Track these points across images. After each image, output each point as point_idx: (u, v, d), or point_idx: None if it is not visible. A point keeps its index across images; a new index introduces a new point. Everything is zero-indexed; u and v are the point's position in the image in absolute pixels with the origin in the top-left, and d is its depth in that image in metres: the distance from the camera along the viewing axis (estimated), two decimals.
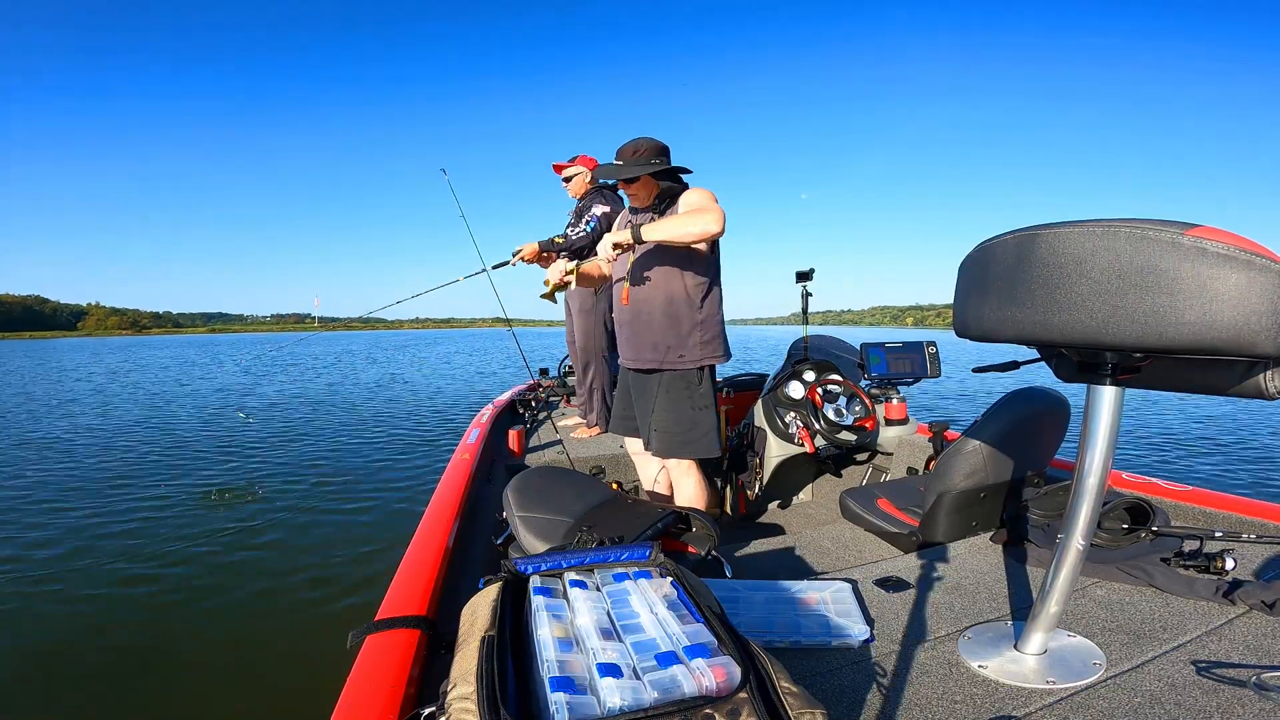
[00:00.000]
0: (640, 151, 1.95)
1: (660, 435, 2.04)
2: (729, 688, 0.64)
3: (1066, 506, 0.93)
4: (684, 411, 2.02)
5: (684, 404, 2.02)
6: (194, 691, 2.35)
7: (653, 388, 2.05)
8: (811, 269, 2.85)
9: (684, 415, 2.02)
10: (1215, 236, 0.65)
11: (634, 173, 1.92)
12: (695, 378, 2.03)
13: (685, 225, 1.82)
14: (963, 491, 1.65)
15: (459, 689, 0.65)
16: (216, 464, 6.03)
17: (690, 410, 2.02)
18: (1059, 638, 1.08)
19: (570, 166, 3.19)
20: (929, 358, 2.75)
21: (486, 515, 1.94)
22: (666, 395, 2.03)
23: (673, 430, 2.02)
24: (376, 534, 4.03)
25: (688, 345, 2.01)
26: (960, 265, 0.93)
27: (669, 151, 1.99)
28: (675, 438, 2.03)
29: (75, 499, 4.81)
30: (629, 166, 1.94)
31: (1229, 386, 0.80)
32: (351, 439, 7.27)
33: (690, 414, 2.02)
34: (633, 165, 1.94)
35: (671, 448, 2.03)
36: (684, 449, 2.03)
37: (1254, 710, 0.87)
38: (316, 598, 3.12)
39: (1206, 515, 1.64)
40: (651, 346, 2.02)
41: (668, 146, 1.99)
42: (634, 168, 1.93)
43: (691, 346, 2.01)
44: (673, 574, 0.91)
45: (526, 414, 3.63)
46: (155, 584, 3.27)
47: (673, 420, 2.02)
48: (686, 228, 1.82)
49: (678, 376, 2.03)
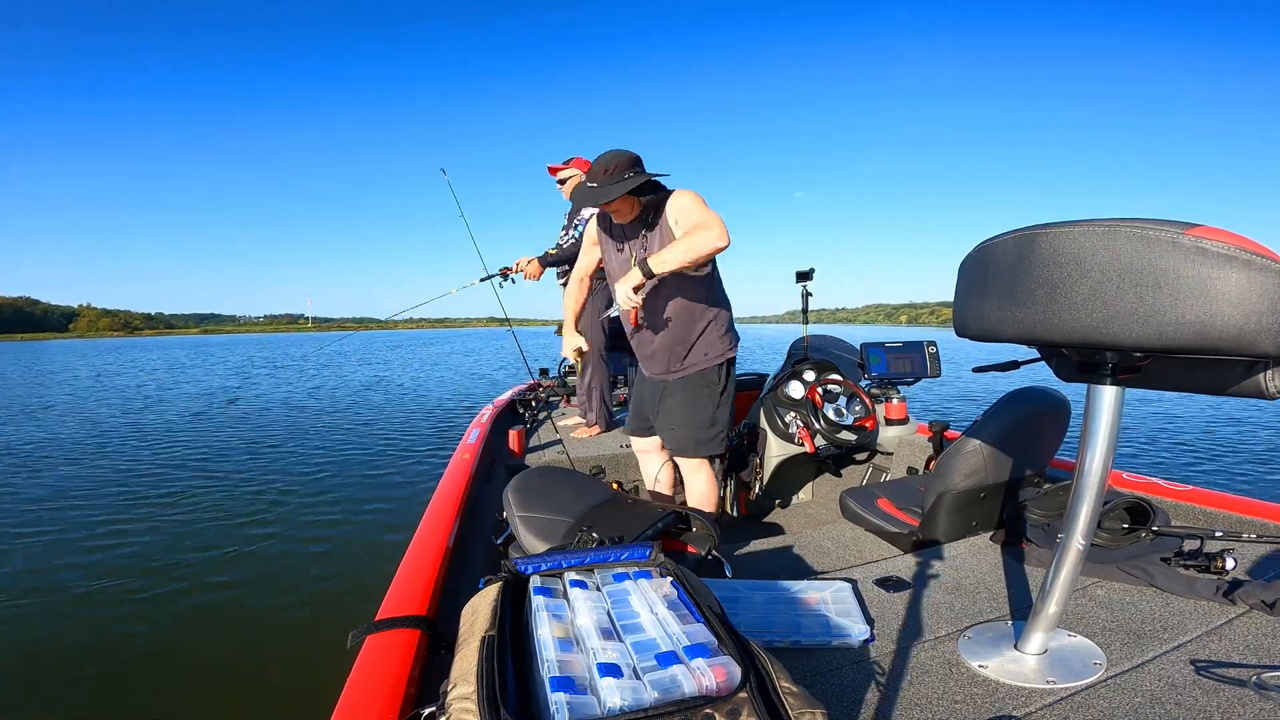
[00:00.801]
0: (612, 169, 1.85)
1: (679, 433, 2.05)
2: (729, 688, 0.64)
3: (1066, 506, 0.93)
4: (705, 410, 2.04)
5: (705, 402, 2.04)
6: (194, 691, 2.35)
7: (674, 388, 2.06)
8: (811, 269, 2.85)
9: (705, 414, 2.04)
10: (1215, 236, 0.65)
11: (612, 195, 1.82)
12: (715, 375, 2.04)
13: (692, 248, 1.75)
14: (963, 491, 1.65)
15: (459, 689, 0.65)
16: (217, 463, 6.03)
17: (711, 409, 2.04)
18: (1059, 637, 1.08)
19: (565, 169, 3.19)
20: (929, 357, 2.75)
21: (486, 515, 1.93)
22: (685, 394, 2.04)
23: (692, 429, 2.04)
24: (376, 534, 4.03)
25: (706, 344, 2.02)
26: (960, 265, 0.93)
27: (641, 161, 1.90)
28: (693, 436, 2.04)
29: (77, 498, 4.81)
30: (605, 188, 1.84)
31: (1229, 386, 0.80)
32: (351, 439, 7.27)
33: (711, 412, 2.04)
34: (609, 186, 1.83)
35: (688, 446, 2.05)
36: (701, 447, 2.05)
37: (1254, 710, 0.87)
38: (317, 598, 3.12)
39: (1206, 515, 1.64)
40: (672, 358, 2.03)
41: (639, 156, 1.90)
42: (611, 188, 1.83)
43: (711, 343, 2.03)
44: (673, 574, 0.91)
45: (526, 414, 3.63)
46: (155, 585, 3.27)
47: (693, 419, 2.04)
48: (695, 250, 1.75)
49: (697, 375, 2.04)
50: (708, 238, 1.75)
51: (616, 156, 1.88)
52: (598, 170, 1.87)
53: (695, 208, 1.86)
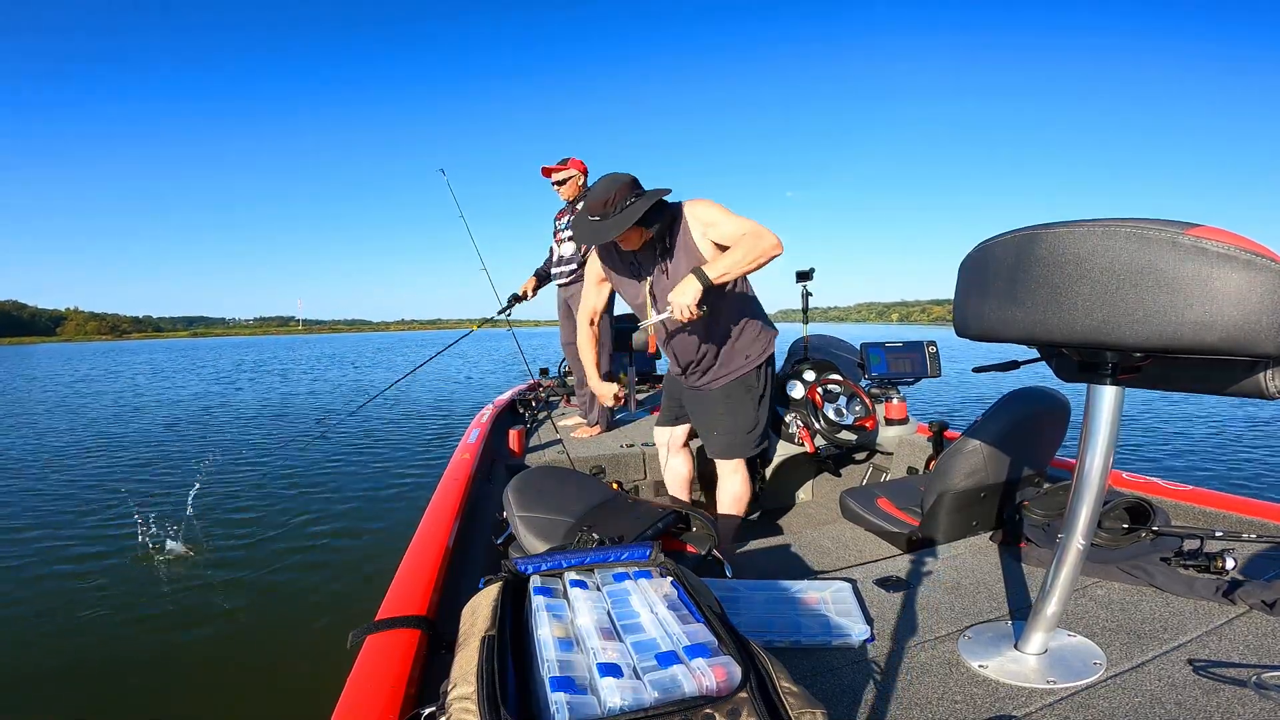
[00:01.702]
0: (611, 200, 1.69)
1: (722, 438, 2.02)
2: (729, 687, 0.64)
3: (1067, 506, 0.93)
4: (748, 414, 2.01)
5: (747, 406, 2.01)
6: (194, 692, 2.35)
7: (716, 395, 2.02)
8: (811, 269, 2.85)
9: (748, 418, 2.01)
10: (1215, 236, 0.65)
11: (622, 228, 1.68)
12: (755, 379, 2.01)
13: (751, 256, 1.67)
14: (963, 491, 1.65)
15: (459, 689, 0.65)
16: (216, 465, 6.03)
17: (753, 411, 2.02)
18: (1059, 637, 1.08)
19: (562, 170, 3.19)
20: (929, 357, 2.75)
21: (486, 515, 1.93)
22: (727, 401, 2.01)
23: (735, 433, 2.01)
24: (376, 534, 4.03)
25: (744, 348, 1.98)
26: (960, 265, 0.93)
27: (639, 182, 1.76)
28: (736, 440, 2.02)
29: (79, 499, 4.81)
30: (611, 223, 1.69)
31: (1229, 386, 0.80)
32: (351, 439, 7.27)
33: (753, 415, 2.02)
34: (615, 219, 1.69)
35: (733, 449, 2.02)
36: (741, 450, 2.02)
37: (1254, 710, 0.87)
38: (317, 598, 3.12)
39: (1206, 515, 1.64)
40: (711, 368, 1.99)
41: (635, 177, 1.76)
42: (617, 221, 1.69)
43: (749, 344, 1.98)
44: (673, 574, 0.91)
45: (526, 414, 3.63)
46: (154, 584, 3.27)
47: (736, 424, 2.01)
48: (755, 258, 1.67)
49: (738, 381, 1.99)
50: (766, 244, 1.67)
51: (613, 183, 1.72)
52: (595, 202, 1.71)
53: (726, 217, 1.77)
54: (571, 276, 3.26)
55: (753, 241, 1.68)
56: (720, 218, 1.78)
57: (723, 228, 1.76)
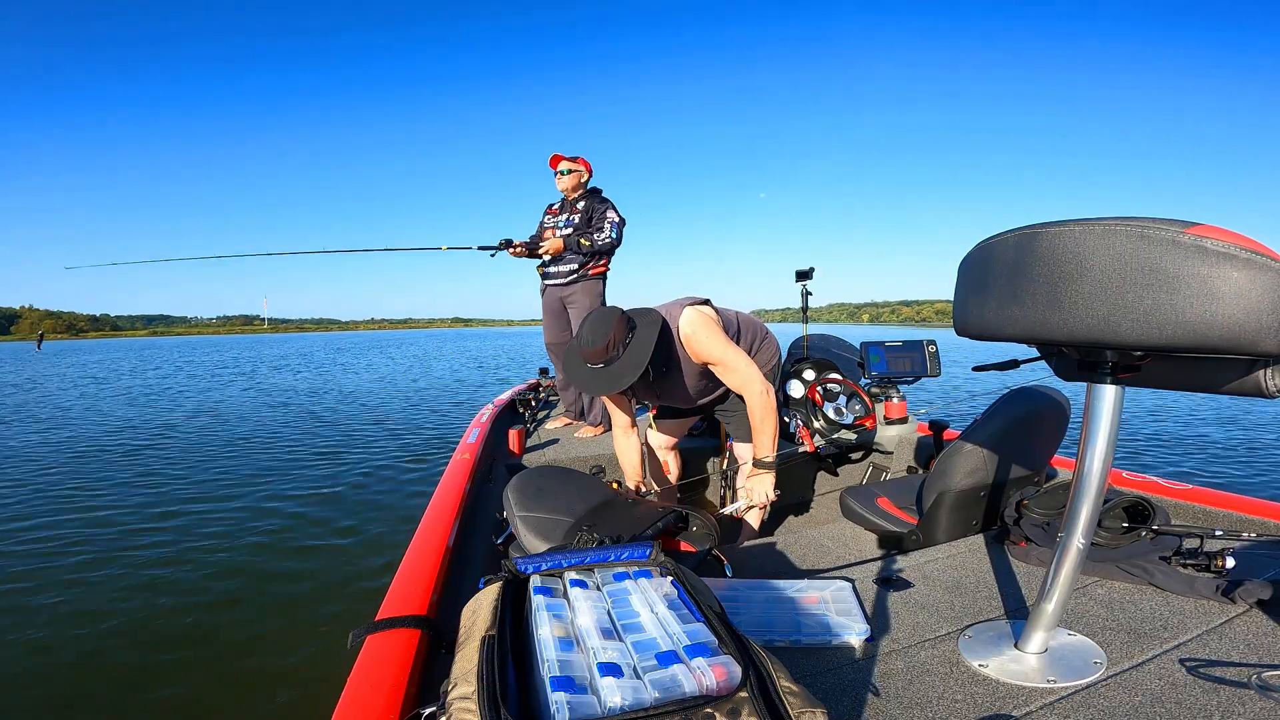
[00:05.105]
0: (612, 343, 1.66)
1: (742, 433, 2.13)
2: (729, 687, 0.64)
3: (1067, 505, 0.93)
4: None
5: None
6: (194, 692, 2.35)
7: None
8: (811, 268, 2.85)
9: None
10: (1215, 234, 0.65)
11: (639, 372, 1.66)
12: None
13: (770, 420, 1.83)
14: (963, 490, 1.65)
15: (459, 689, 0.65)
16: (217, 464, 6.03)
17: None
18: (1059, 636, 1.08)
19: (570, 163, 3.22)
20: (929, 356, 2.75)
21: (486, 515, 1.93)
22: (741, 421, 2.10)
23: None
24: (376, 533, 4.02)
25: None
26: (960, 264, 0.93)
27: (627, 315, 1.73)
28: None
29: (81, 498, 4.81)
30: (618, 373, 1.66)
31: (1229, 385, 0.80)
32: (350, 439, 7.27)
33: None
34: (627, 363, 1.67)
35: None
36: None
37: (1254, 709, 0.87)
38: (316, 598, 3.11)
39: (1206, 514, 1.64)
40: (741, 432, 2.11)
41: (622, 310, 1.76)
42: (633, 365, 1.67)
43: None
44: (673, 573, 0.91)
45: (526, 414, 3.63)
46: (154, 584, 3.26)
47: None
48: (772, 423, 1.84)
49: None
50: (770, 402, 1.83)
51: (604, 325, 1.68)
52: (592, 350, 1.67)
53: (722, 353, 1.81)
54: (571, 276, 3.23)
55: (759, 412, 1.83)
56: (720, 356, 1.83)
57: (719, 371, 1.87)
